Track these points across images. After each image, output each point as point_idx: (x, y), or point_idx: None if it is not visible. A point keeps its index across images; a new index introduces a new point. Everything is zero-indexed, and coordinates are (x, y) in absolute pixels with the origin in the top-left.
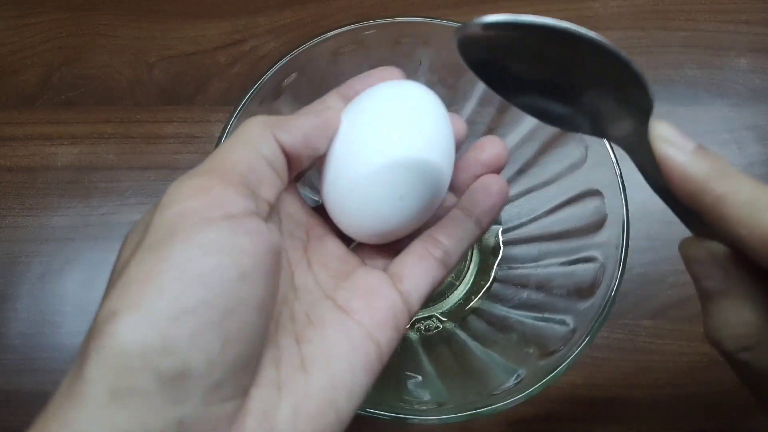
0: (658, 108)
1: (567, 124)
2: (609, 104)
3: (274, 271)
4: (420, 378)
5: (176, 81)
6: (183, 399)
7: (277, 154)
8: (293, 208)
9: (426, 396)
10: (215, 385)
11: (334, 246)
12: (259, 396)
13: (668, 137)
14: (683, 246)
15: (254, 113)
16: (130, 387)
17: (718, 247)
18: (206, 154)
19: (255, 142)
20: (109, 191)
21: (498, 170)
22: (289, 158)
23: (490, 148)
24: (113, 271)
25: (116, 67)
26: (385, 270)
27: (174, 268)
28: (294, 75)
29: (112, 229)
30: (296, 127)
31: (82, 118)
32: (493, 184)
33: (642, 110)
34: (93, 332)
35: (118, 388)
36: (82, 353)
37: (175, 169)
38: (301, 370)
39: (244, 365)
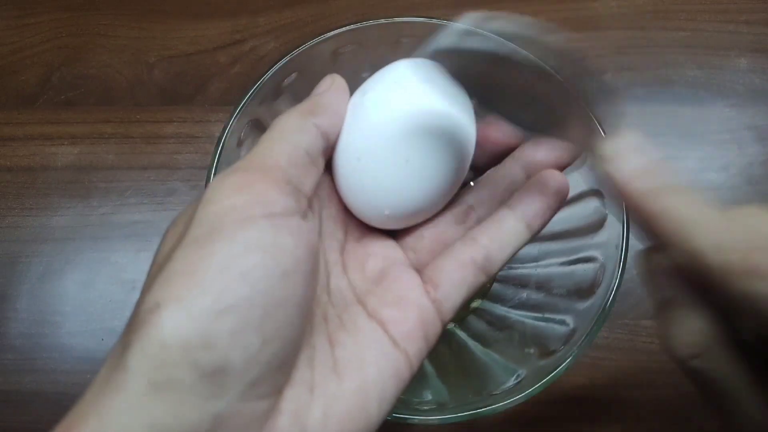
0: (659, 108)
1: (535, 131)
2: (568, 118)
3: (313, 271)
4: (420, 378)
5: (176, 81)
6: (220, 394)
7: (316, 141)
8: (333, 209)
9: (426, 396)
10: (252, 382)
11: (372, 244)
12: (292, 396)
13: (614, 155)
14: (639, 257)
15: (254, 113)
16: (169, 379)
17: (666, 259)
18: (206, 154)
19: (294, 134)
20: (109, 191)
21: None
22: (327, 140)
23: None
24: (153, 263)
25: (116, 67)
26: (423, 264)
27: (218, 265)
28: (294, 75)
29: (112, 229)
30: (331, 107)
31: (82, 118)
32: (551, 180)
33: (594, 126)
34: (135, 323)
35: (158, 380)
36: (123, 343)
37: (175, 169)
38: (334, 372)
39: (281, 364)
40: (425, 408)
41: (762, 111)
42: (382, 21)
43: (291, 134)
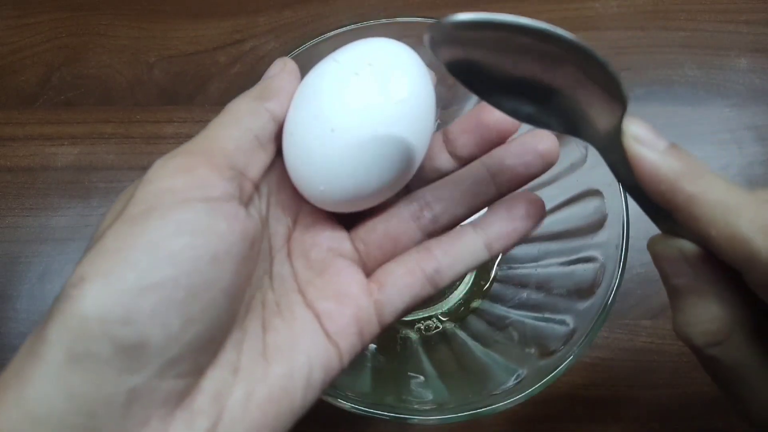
0: (658, 108)
1: (540, 122)
2: (583, 104)
3: (248, 257)
4: (420, 378)
5: (176, 81)
6: (137, 369)
7: (267, 125)
8: (283, 194)
9: (426, 396)
10: (171, 360)
11: (321, 233)
12: (215, 376)
13: (640, 136)
14: (652, 243)
15: None
16: (87, 351)
17: (687, 245)
18: None
19: (243, 118)
20: (109, 191)
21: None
22: (278, 124)
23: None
24: (91, 238)
25: (116, 67)
26: (371, 258)
27: (146, 243)
28: None
29: None
30: (282, 90)
31: (82, 118)
32: (521, 204)
33: (615, 109)
34: (60, 296)
35: (76, 352)
36: (47, 315)
37: None
38: (262, 356)
39: (204, 345)
40: (425, 408)
41: (762, 111)
42: (382, 21)
43: (241, 118)
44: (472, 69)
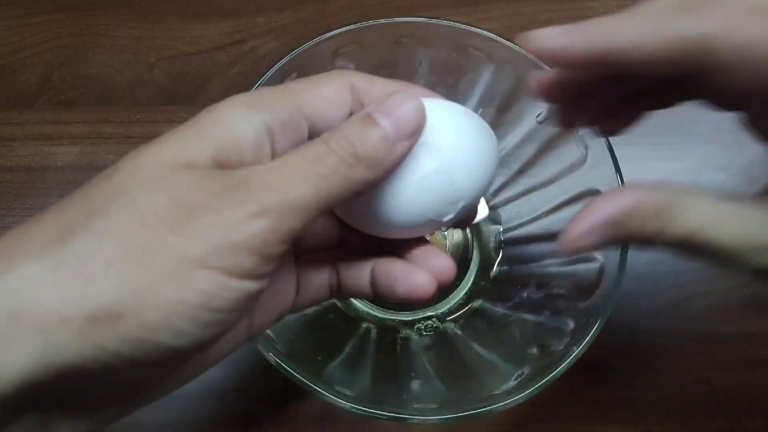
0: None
1: None
2: None
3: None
4: (420, 378)
5: (176, 81)
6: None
7: (355, 189)
8: None
9: (426, 396)
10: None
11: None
12: None
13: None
14: None
15: None
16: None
17: None
18: None
19: (342, 179)
20: None
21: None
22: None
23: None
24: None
25: (116, 67)
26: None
27: (163, 303)
28: (294, 75)
29: None
30: (386, 161)
31: (82, 118)
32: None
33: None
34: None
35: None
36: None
37: None
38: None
39: None
40: (425, 408)
41: None
42: (382, 21)
43: (344, 177)
44: None
